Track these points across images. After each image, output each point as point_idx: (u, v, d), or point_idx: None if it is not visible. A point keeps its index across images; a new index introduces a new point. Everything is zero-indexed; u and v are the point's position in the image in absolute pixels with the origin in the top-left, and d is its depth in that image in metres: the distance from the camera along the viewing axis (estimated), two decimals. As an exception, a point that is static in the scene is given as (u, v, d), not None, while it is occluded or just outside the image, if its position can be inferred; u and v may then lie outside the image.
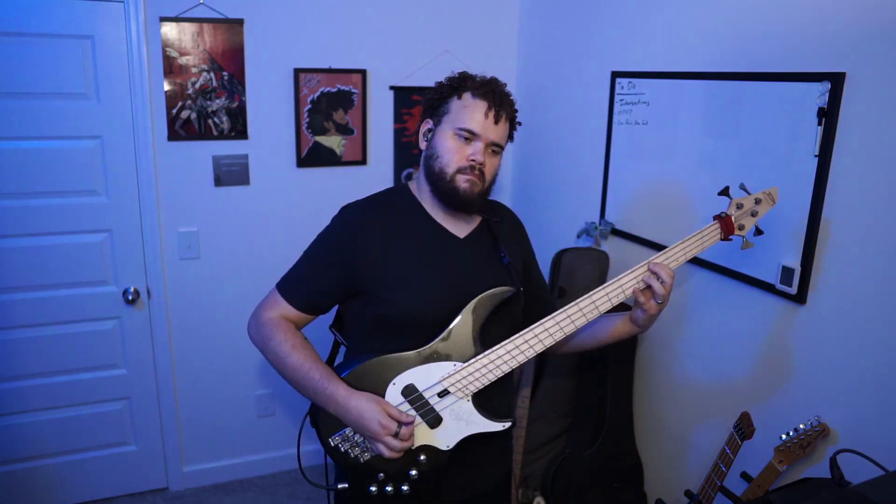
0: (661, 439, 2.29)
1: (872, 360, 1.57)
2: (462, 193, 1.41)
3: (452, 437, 1.42)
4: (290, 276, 1.53)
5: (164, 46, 2.49)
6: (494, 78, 1.48)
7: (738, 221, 1.48)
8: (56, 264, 2.54)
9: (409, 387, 1.40)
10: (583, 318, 1.41)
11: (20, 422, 2.63)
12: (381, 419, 1.34)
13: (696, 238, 1.45)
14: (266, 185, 2.76)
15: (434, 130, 1.46)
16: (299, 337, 1.47)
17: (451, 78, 1.48)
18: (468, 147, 1.41)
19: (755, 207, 1.49)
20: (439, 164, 1.42)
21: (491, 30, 2.98)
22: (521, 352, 1.40)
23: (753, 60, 1.83)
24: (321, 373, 1.40)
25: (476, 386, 1.41)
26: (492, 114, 1.41)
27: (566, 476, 2.33)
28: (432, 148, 1.45)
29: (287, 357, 1.43)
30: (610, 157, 2.44)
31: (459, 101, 1.43)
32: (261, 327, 1.48)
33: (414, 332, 1.41)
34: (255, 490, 2.96)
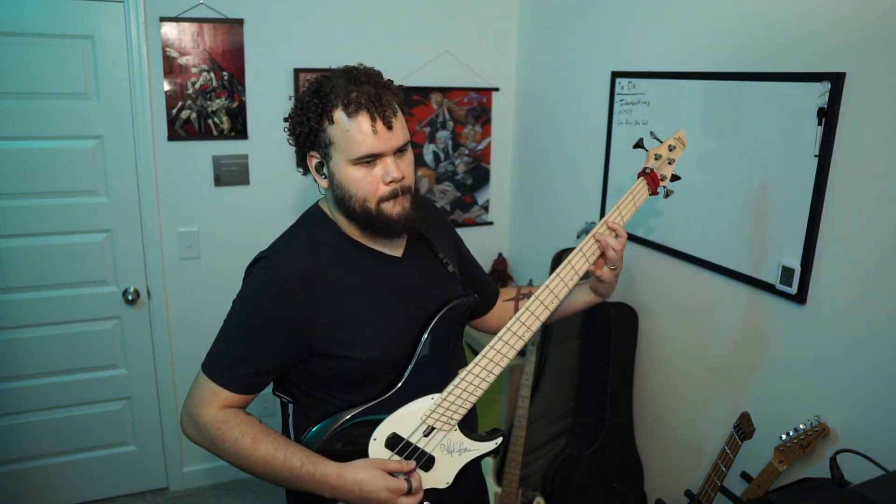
0: (661, 439, 2.29)
1: (872, 360, 1.57)
2: (398, 220, 1.23)
3: (449, 472, 1.32)
4: (220, 357, 1.27)
5: (164, 46, 2.49)
6: (352, 70, 1.26)
7: (660, 172, 1.47)
8: (56, 264, 2.54)
9: (391, 437, 1.26)
10: (546, 311, 1.31)
11: (20, 422, 2.63)
12: (387, 484, 1.19)
13: (628, 198, 1.40)
14: (266, 185, 2.76)
15: (326, 165, 1.24)
16: (254, 424, 1.24)
17: (307, 100, 1.23)
18: (376, 169, 1.21)
19: (670, 155, 1.49)
20: (357, 202, 1.22)
21: (491, 30, 2.99)
22: (495, 364, 1.28)
23: (753, 60, 1.83)
24: (300, 458, 1.20)
25: (460, 413, 1.29)
26: (379, 123, 1.19)
27: (566, 476, 2.33)
28: (339, 187, 1.23)
29: (252, 455, 1.20)
30: (610, 157, 2.44)
31: (334, 125, 1.20)
32: (202, 430, 1.24)
33: (379, 376, 1.26)
34: (255, 490, 2.96)
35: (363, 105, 1.19)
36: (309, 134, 1.23)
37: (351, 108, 1.18)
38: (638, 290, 2.36)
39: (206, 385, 1.26)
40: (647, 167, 1.45)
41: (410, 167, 1.27)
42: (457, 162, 3.08)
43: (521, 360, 2.42)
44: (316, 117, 1.21)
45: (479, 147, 3.10)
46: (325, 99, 1.21)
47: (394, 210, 1.23)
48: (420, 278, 1.34)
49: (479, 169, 3.13)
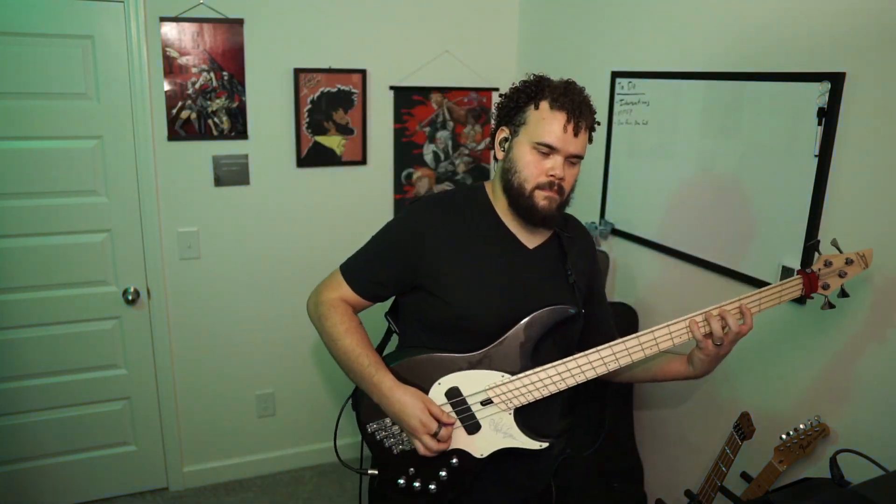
0: (661, 439, 2.29)
1: (872, 360, 1.57)
2: (541, 210, 1.37)
3: (488, 446, 1.40)
4: (355, 260, 1.51)
5: (164, 46, 2.49)
6: (572, 83, 1.40)
7: (824, 280, 1.39)
8: (56, 264, 2.54)
9: (453, 389, 1.38)
10: (640, 353, 1.35)
11: (20, 422, 2.63)
12: (421, 417, 1.33)
13: (775, 290, 1.37)
14: (266, 185, 2.76)
15: (510, 140, 1.40)
16: (354, 321, 1.46)
17: (526, 83, 1.40)
18: (547, 161, 1.35)
19: (844, 268, 1.38)
20: (518, 179, 1.37)
21: (491, 30, 2.98)
22: (571, 375, 1.36)
23: (753, 60, 1.83)
24: (370, 359, 1.39)
25: (520, 401, 1.38)
26: (570, 126, 1.34)
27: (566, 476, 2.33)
28: (510, 161, 1.39)
29: (340, 339, 1.42)
30: (610, 157, 2.44)
31: (537, 111, 1.36)
32: (318, 306, 1.48)
33: (467, 336, 1.39)
34: (255, 490, 2.96)
35: (566, 106, 1.34)
36: (512, 109, 1.40)
37: (556, 104, 1.34)
38: (638, 290, 2.36)
39: (337, 277, 1.50)
40: (810, 268, 1.40)
41: (573, 177, 1.41)
42: (457, 162, 3.08)
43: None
44: (525, 98, 1.38)
45: (479, 147, 3.11)
46: (540, 89, 1.37)
47: (541, 200, 1.37)
48: (540, 274, 1.45)
49: (479, 169, 3.13)
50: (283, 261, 2.83)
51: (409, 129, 2.94)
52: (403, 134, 2.94)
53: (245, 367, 2.91)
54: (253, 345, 2.89)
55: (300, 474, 3.06)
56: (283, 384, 3.00)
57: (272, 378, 2.97)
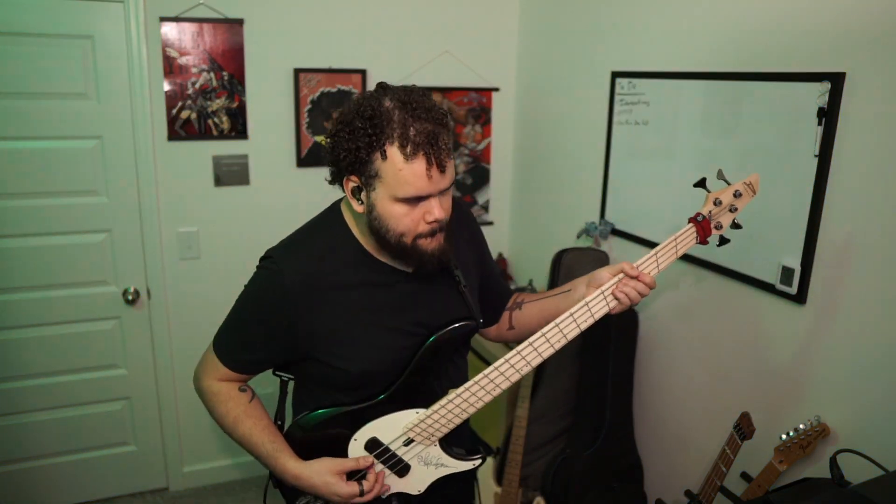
0: (661, 439, 2.29)
1: (872, 360, 1.57)
2: (432, 255, 1.22)
3: (423, 481, 1.36)
4: (225, 337, 1.36)
5: (164, 46, 2.49)
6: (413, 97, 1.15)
7: (716, 220, 1.31)
8: (56, 264, 2.54)
9: (372, 440, 1.31)
10: (550, 349, 1.25)
11: (20, 422, 2.63)
12: (338, 491, 1.25)
13: (669, 246, 1.29)
14: (266, 185, 2.76)
15: (366, 193, 1.18)
16: (243, 402, 1.36)
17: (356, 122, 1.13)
18: (418, 210, 1.17)
19: (734, 202, 1.31)
20: (394, 235, 1.19)
21: (491, 30, 2.99)
22: (486, 392, 1.26)
23: (753, 60, 1.83)
24: (270, 446, 1.30)
25: (442, 432, 1.31)
26: (434, 169, 1.12)
27: (566, 476, 2.33)
28: (376, 218, 1.18)
29: (234, 430, 1.35)
30: (610, 157, 2.44)
31: (386, 162, 1.12)
32: (202, 394, 1.40)
33: (370, 385, 1.30)
34: (255, 490, 2.96)
35: (420, 147, 1.11)
36: (355, 161, 1.15)
37: (408, 150, 1.11)
38: (638, 290, 2.36)
39: (211, 356, 1.38)
40: (700, 213, 1.30)
41: (450, 203, 1.24)
42: (457, 162, 3.08)
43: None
44: (366, 147, 1.13)
45: (479, 147, 3.11)
46: (379, 130, 1.11)
47: (430, 246, 1.21)
48: (427, 296, 1.32)
49: (479, 169, 3.13)
50: (283, 261, 2.83)
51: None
52: (403, 134, 2.93)
53: (245, 367, 2.91)
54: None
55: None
56: (283, 384, 3.00)
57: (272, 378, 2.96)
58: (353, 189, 1.21)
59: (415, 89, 1.18)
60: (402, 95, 1.15)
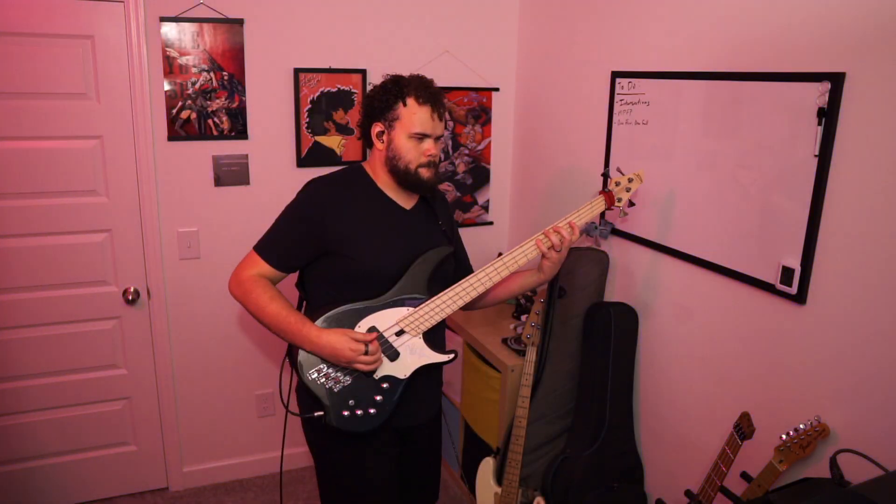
0: (661, 439, 2.29)
1: (872, 360, 1.57)
2: (427, 182, 1.73)
3: (408, 367, 1.74)
4: (267, 239, 1.76)
5: (164, 46, 2.49)
6: (424, 77, 1.73)
7: (617, 195, 1.92)
8: (56, 264, 2.54)
9: (371, 329, 1.69)
10: (506, 270, 1.76)
11: (20, 422, 2.64)
12: (350, 346, 1.62)
13: (587, 207, 1.85)
14: (266, 185, 2.76)
15: (387, 133, 1.71)
16: (275, 290, 1.72)
17: (387, 83, 1.71)
18: (423, 145, 1.70)
19: (629, 185, 1.92)
20: (403, 163, 1.70)
21: (491, 30, 2.99)
22: (459, 297, 1.74)
23: (753, 60, 1.83)
24: (296, 317, 1.66)
25: (426, 326, 1.72)
26: (435, 115, 1.70)
27: (566, 476, 2.33)
28: (393, 150, 1.71)
29: (266, 307, 1.67)
30: (610, 157, 2.44)
31: (406, 107, 1.68)
32: (241, 283, 1.72)
33: (374, 284, 1.70)
34: (255, 490, 2.96)
35: (429, 99, 1.69)
36: (383, 107, 1.70)
37: (421, 99, 1.68)
38: (638, 290, 2.36)
39: (252, 256, 1.75)
40: (606, 189, 1.94)
41: (440, 150, 1.77)
42: (457, 162, 3.08)
43: (522, 360, 2.42)
44: (393, 97, 1.69)
45: (479, 147, 3.11)
46: (402, 88, 1.69)
47: (426, 174, 1.72)
48: (418, 227, 1.80)
49: (479, 169, 3.13)
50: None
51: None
52: (403, 134, 2.93)
53: (245, 367, 2.91)
54: (253, 345, 2.89)
55: (300, 474, 3.07)
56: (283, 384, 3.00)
57: (272, 378, 2.97)
58: (378, 132, 1.73)
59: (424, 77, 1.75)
60: (412, 75, 1.75)
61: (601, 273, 2.46)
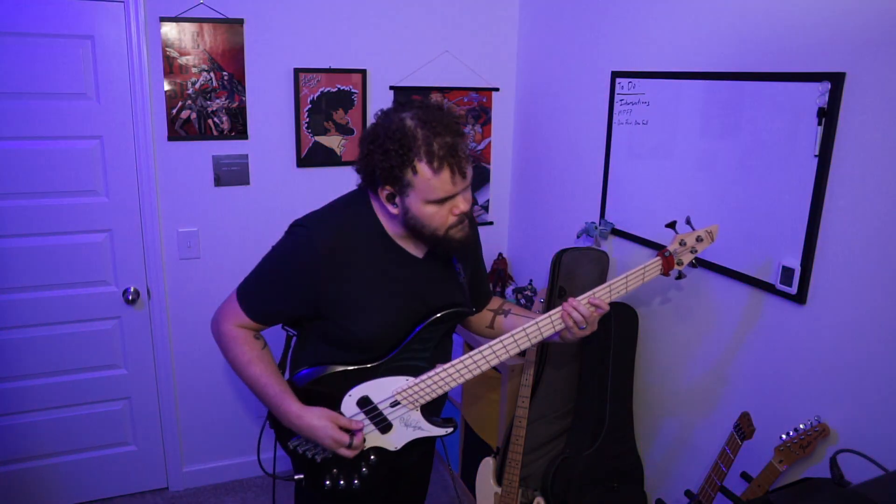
0: (661, 439, 2.29)
1: (872, 360, 1.57)
2: (460, 242, 1.44)
3: (401, 440, 1.56)
4: (250, 288, 1.52)
5: (164, 46, 2.49)
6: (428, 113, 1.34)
7: (679, 257, 1.60)
8: (56, 264, 2.54)
9: (363, 398, 1.50)
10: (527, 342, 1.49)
11: (20, 422, 2.63)
12: (332, 435, 1.43)
13: (639, 272, 1.55)
14: (266, 185, 2.76)
15: (399, 198, 1.37)
16: (257, 347, 1.51)
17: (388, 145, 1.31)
18: (447, 206, 1.37)
19: (695, 245, 1.61)
20: (427, 229, 1.39)
21: (491, 30, 2.98)
22: (468, 370, 1.48)
23: (753, 60, 1.83)
24: (276, 388, 1.46)
25: (425, 399, 1.51)
26: (458, 176, 1.34)
27: (566, 476, 2.33)
28: (412, 218, 1.38)
29: (245, 369, 1.49)
30: (610, 157, 2.44)
31: (417, 176, 1.31)
32: (221, 336, 1.53)
33: (371, 349, 1.49)
34: (255, 490, 2.96)
35: (444, 160, 1.31)
36: (389, 176, 1.34)
37: (434, 165, 1.31)
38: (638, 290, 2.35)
39: (233, 303, 1.52)
40: (667, 250, 1.60)
41: (471, 195, 1.44)
42: (457, 162, 3.07)
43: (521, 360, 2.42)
44: (399, 166, 1.32)
45: (479, 147, 3.10)
46: (407, 149, 1.31)
47: (458, 234, 1.42)
48: (431, 280, 1.53)
49: (479, 169, 3.13)
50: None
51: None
52: (403, 134, 2.93)
53: (245, 367, 2.91)
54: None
55: (300, 474, 3.06)
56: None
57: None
58: (388, 195, 1.39)
59: (431, 104, 1.39)
60: (421, 114, 1.34)
61: (601, 273, 2.46)
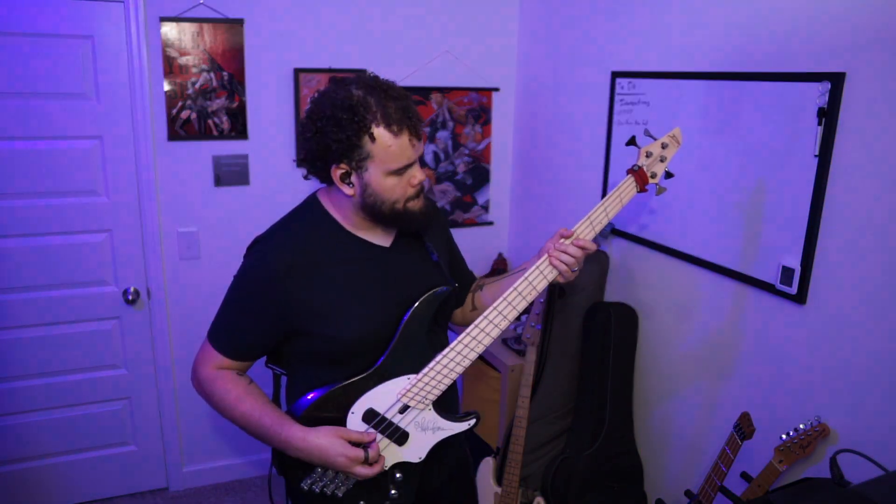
0: (661, 439, 2.29)
1: (872, 360, 1.57)
2: (420, 214, 1.37)
3: (422, 448, 1.42)
4: (220, 326, 1.42)
5: (164, 46, 2.49)
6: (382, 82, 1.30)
7: (650, 170, 1.47)
8: (56, 264, 2.54)
9: (368, 412, 1.37)
10: (523, 302, 1.38)
11: (20, 422, 2.63)
12: (345, 452, 1.30)
13: (615, 196, 1.42)
14: (266, 185, 2.76)
15: (356, 174, 1.30)
16: (241, 385, 1.39)
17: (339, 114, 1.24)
18: (405, 177, 1.32)
19: (663, 152, 1.48)
20: (387, 205, 1.32)
21: (491, 30, 2.98)
22: (470, 350, 1.37)
23: (753, 60, 1.83)
24: (272, 418, 1.34)
25: (434, 394, 1.38)
26: (415, 138, 1.29)
27: (566, 476, 2.33)
28: (369, 193, 1.31)
29: (233, 410, 1.37)
30: (610, 157, 2.44)
31: (375, 143, 1.25)
32: (202, 385, 1.43)
33: (360, 356, 1.37)
34: (255, 490, 2.96)
35: (402, 122, 1.26)
36: (346, 149, 1.27)
37: (394, 127, 1.25)
38: (638, 290, 2.36)
39: (206, 347, 1.43)
40: (636, 164, 1.46)
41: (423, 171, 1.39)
42: (457, 162, 3.08)
43: (521, 360, 2.42)
44: (355, 134, 1.25)
45: (479, 147, 3.10)
46: (362, 116, 1.24)
47: (417, 206, 1.36)
48: (405, 267, 1.43)
49: (479, 169, 3.13)
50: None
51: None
52: (403, 134, 2.93)
53: (245, 367, 2.91)
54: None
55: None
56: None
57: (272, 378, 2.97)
58: (342, 175, 1.31)
59: (366, 74, 1.34)
60: (363, 81, 1.29)
61: (601, 273, 2.46)
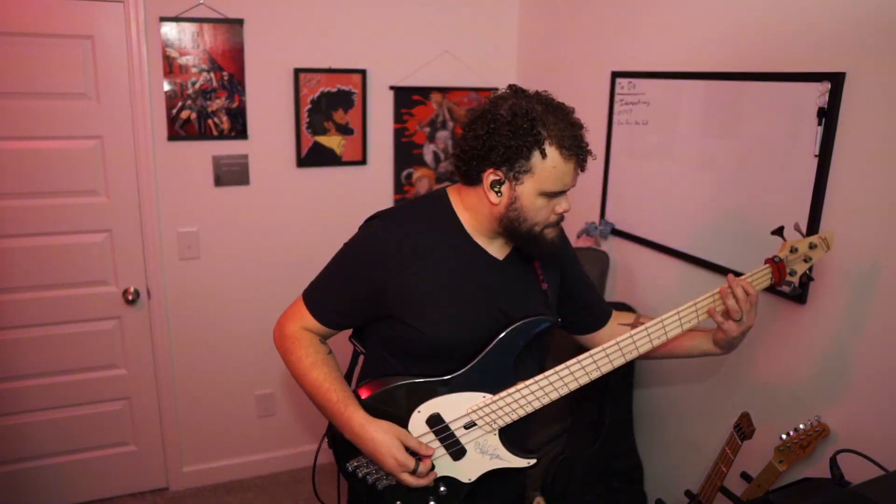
0: (661, 439, 2.29)
1: (872, 360, 1.57)
2: (551, 243, 1.33)
3: (475, 470, 1.37)
4: (317, 288, 1.42)
5: (164, 46, 2.49)
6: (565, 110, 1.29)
7: (790, 266, 1.39)
8: (56, 264, 2.54)
9: (434, 416, 1.33)
10: (634, 352, 1.34)
11: (20, 422, 2.63)
12: (397, 455, 1.27)
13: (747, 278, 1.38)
14: (266, 185, 2.76)
15: (509, 185, 1.26)
16: (321, 352, 1.39)
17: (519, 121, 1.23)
18: (554, 202, 1.29)
19: (809, 253, 1.40)
20: (527, 223, 1.28)
21: (491, 30, 2.98)
22: (554, 388, 1.32)
23: (753, 60, 1.83)
24: (339, 394, 1.32)
25: (505, 420, 1.33)
26: (579, 168, 1.28)
27: (566, 476, 2.33)
28: (515, 207, 1.27)
29: (306, 374, 1.36)
30: (610, 157, 2.44)
31: (545, 160, 1.23)
32: (284, 339, 1.42)
33: (443, 359, 1.33)
34: (255, 490, 2.96)
35: (574, 150, 1.25)
36: (511, 157, 1.24)
37: (566, 152, 1.24)
38: (638, 290, 2.36)
39: (300, 305, 1.41)
40: (777, 256, 1.40)
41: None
42: (457, 162, 3.07)
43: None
44: (528, 146, 1.23)
45: (479, 147, 3.10)
46: (539, 132, 1.23)
47: (553, 234, 1.33)
48: (511, 285, 1.38)
49: (479, 169, 3.12)
50: (283, 261, 2.83)
51: (409, 129, 2.94)
52: (403, 134, 2.94)
53: (245, 367, 2.91)
54: (253, 345, 2.89)
55: (300, 474, 3.06)
56: (282, 384, 3.00)
57: (272, 378, 2.97)
58: (494, 181, 1.27)
59: (545, 92, 1.32)
60: (545, 99, 1.28)
61: (601, 273, 2.46)
